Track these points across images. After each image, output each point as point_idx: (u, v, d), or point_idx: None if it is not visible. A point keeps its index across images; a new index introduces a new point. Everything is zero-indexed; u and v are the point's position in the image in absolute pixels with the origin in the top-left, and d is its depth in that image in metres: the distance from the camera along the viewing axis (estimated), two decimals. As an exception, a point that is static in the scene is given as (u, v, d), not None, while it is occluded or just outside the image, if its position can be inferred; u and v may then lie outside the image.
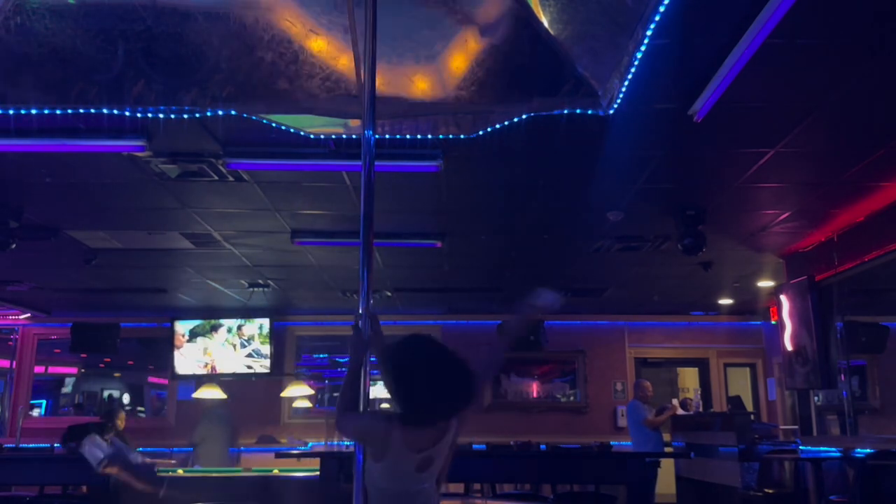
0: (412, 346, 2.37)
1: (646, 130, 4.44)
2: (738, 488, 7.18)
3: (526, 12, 2.27)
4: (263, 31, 2.33)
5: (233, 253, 7.33)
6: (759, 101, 4.11)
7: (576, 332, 11.05)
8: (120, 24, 2.24)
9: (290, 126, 2.81)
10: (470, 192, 5.70)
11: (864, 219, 6.08)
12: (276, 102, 2.56)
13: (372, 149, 2.15)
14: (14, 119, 4.06)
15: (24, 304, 10.04)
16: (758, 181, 5.30)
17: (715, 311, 10.71)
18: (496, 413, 10.81)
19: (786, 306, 7.22)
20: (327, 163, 4.95)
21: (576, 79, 2.39)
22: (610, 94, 2.40)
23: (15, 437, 9.60)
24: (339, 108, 2.63)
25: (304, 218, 6.29)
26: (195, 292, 9.31)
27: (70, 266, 7.67)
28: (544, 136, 4.41)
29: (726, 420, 7.81)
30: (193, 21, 2.26)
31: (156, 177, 5.23)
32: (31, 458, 7.27)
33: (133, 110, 2.41)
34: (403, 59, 2.35)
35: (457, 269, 8.09)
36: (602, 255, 7.31)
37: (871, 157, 4.87)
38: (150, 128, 4.45)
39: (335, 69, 2.45)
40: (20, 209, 5.90)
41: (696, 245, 5.95)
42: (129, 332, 10.56)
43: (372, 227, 2.18)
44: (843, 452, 6.34)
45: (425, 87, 2.43)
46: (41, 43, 2.20)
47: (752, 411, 10.38)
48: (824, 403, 7.21)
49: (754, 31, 3.32)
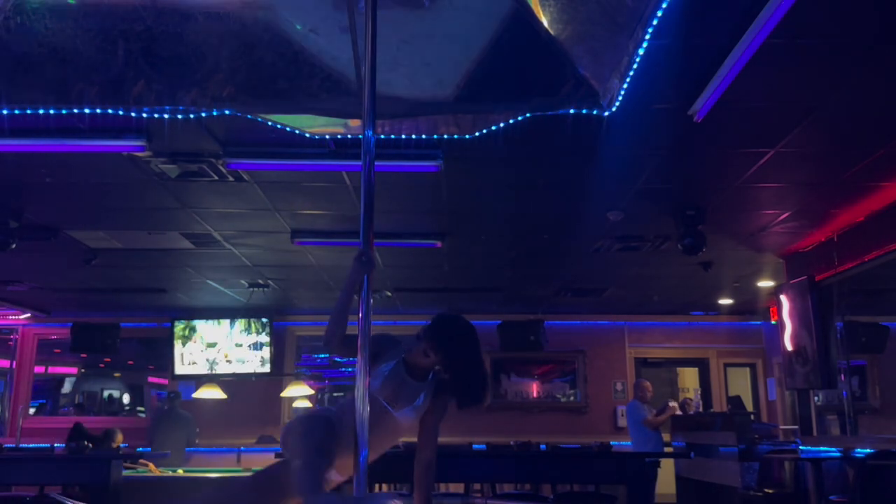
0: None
1: (646, 130, 4.44)
2: (738, 488, 7.17)
3: (526, 12, 2.27)
4: (263, 31, 2.33)
5: (233, 253, 7.33)
6: (759, 101, 4.11)
7: (576, 332, 11.05)
8: (120, 24, 2.24)
9: (290, 126, 2.81)
10: (470, 192, 5.70)
11: (864, 219, 6.08)
12: (276, 102, 2.56)
13: (372, 149, 2.15)
14: (14, 119, 4.07)
15: (24, 304, 10.04)
16: (758, 181, 5.30)
17: (715, 311, 10.71)
18: (496, 413, 10.80)
19: (786, 306, 7.22)
20: (327, 163, 4.95)
21: (576, 79, 2.39)
22: (610, 94, 2.39)
23: (15, 437, 9.60)
24: (339, 108, 2.64)
25: (304, 218, 6.29)
26: (195, 292, 9.31)
27: (70, 266, 7.67)
28: (544, 136, 4.41)
29: (726, 420, 7.81)
30: (193, 21, 2.26)
31: (156, 177, 5.23)
32: (31, 458, 7.26)
33: (133, 110, 2.41)
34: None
35: (457, 269, 8.09)
36: (602, 255, 7.31)
37: (871, 157, 4.87)
38: (150, 128, 4.45)
39: (335, 69, 2.45)
40: (20, 209, 5.90)
41: (696, 245, 5.95)
42: (129, 332, 10.56)
43: (372, 227, 2.18)
44: (843, 452, 6.34)
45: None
46: (41, 43, 2.20)
47: (752, 411, 10.38)
48: (824, 403, 7.21)
49: (754, 31, 3.32)
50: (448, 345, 2.68)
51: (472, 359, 2.72)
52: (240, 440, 10.09)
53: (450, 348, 2.68)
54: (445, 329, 2.73)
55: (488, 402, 10.67)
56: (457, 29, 2.39)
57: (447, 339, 2.69)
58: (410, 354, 2.72)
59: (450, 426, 2.89)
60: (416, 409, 2.72)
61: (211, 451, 10.03)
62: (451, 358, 2.69)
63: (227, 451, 9.94)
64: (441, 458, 2.87)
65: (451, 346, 2.69)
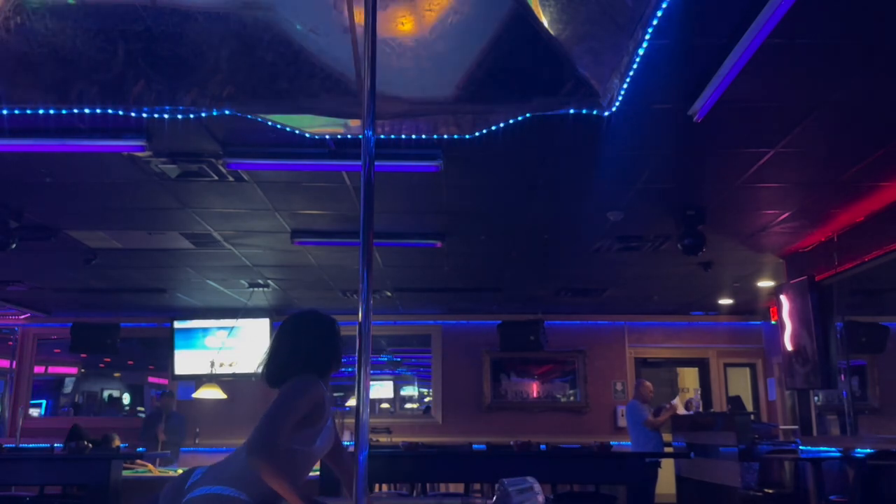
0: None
1: (646, 130, 4.44)
2: (738, 488, 7.18)
3: (526, 12, 2.27)
4: (263, 31, 2.33)
5: (233, 253, 7.33)
6: (759, 101, 4.12)
7: (576, 332, 11.05)
8: (120, 24, 2.24)
9: (290, 126, 2.80)
10: (470, 192, 5.70)
11: (864, 219, 6.08)
12: (276, 102, 2.56)
13: (372, 149, 2.15)
14: (14, 119, 4.08)
15: (24, 304, 10.04)
16: (758, 181, 5.30)
17: (715, 311, 10.72)
18: (496, 413, 10.82)
19: (786, 306, 7.22)
20: (327, 163, 4.95)
21: (576, 79, 2.39)
22: (610, 94, 2.39)
23: (15, 437, 9.61)
24: (339, 108, 2.63)
25: (304, 218, 6.29)
26: (195, 292, 9.31)
27: (70, 266, 7.67)
28: (544, 136, 4.42)
29: (726, 420, 7.82)
30: (193, 21, 2.26)
31: (156, 177, 5.23)
32: (31, 458, 7.27)
33: (133, 110, 2.41)
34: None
35: (457, 269, 8.09)
36: (602, 255, 7.31)
37: (871, 157, 4.87)
38: (150, 128, 4.45)
39: (335, 69, 2.45)
40: (20, 209, 5.90)
41: (696, 245, 5.95)
42: (129, 332, 10.56)
43: (372, 227, 2.18)
44: (843, 452, 6.35)
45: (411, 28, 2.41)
46: (41, 43, 2.20)
47: (752, 411, 10.38)
48: (824, 403, 7.22)
49: (754, 31, 3.32)
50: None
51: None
52: (240, 440, 9.98)
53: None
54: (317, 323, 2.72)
55: (488, 402, 10.70)
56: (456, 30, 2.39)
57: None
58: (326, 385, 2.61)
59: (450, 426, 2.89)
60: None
61: (211, 451, 10.03)
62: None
63: (227, 451, 9.90)
64: (441, 457, 2.87)
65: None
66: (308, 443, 2.48)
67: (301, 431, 2.45)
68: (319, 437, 2.51)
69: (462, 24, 2.39)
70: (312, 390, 2.47)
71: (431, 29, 2.38)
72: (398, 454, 6.60)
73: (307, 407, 2.44)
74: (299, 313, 2.74)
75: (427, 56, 2.44)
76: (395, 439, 9.71)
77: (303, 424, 2.44)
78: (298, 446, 2.46)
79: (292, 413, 2.39)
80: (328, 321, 2.70)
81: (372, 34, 2.11)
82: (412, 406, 12.19)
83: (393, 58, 2.40)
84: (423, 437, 9.74)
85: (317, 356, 2.60)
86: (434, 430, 10.54)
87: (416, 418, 11.34)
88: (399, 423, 10.69)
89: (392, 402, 12.19)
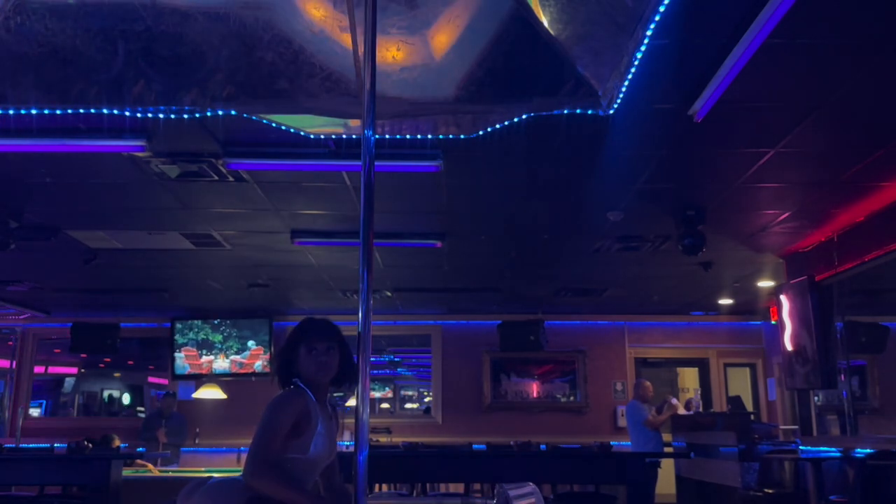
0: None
1: (646, 130, 4.44)
2: (738, 488, 7.18)
3: (526, 12, 2.27)
4: (263, 31, 2.33)
5: (233, 253, 7.33)
6: (759, 101, 4.12)
7: (576, 332, 11.05)
8: (120, 24, 2.24)
9: (290, 126, 2.81)
10: (470, 192, 5.70)
11: (864, 219, 6.08)
12: (276, 102, 2.56)
13: (372, 149, 2.15)
14: (14, 119, 4.08)
15: (24, 304, 10.04)
16: (758, 181, 5.30)
17: (715, 311, 10.72)
18: (496, 413, 10.82)
19: (786, 306, 7.22)
20: (327, 163, 4.96)
21: (576, 79, 2.39)
22: (610, 94, 2.39)
23: (15, 437, 9.61)
24: (339, 108, 2.63)
25: (304, 218, 6.29)
26: (195, 292, 9.31)
27: (70, 266, 7.67)
28: (544, 136, 4.42)
29: (726, 420, 7.81)
30: (193, 21, 2.26)
31: (156, 177, 5.23)
32: (31, 458, 7.26)
33: (133, 110, 2.41)
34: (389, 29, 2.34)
35: (457, 269, 8.09)
36: (602, 255, 7.31)
37: (871, 157, 4.87)
38: (150, 128, 4.45)
39: (335, 69, 2.45)
40: (20, 209, 5.90)
41: (696, 245, 5.95)
42: (129, 332, 10.57)
43: (372, 227, 2.18)
44: (843, 452, 6.34)
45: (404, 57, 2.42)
46: (41, 43, 2.20)
47: (752, 411, 10.38)
48: (824, 403, 7.21)
49: (754, 30, 3.32)
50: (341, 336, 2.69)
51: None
52: (240, 440, 10.08)
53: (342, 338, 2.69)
54: (329, 326, 2.71)
55: (488, 402, 10.70)
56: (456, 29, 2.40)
57: (336, 331, 2.70)
58: (319, 390, 2.61)
59: (450, 426, 2.89)
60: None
61: (211, 451, 10.05)
62: (344, 344, 2.67)
63: (227, 451, 9.95)
64: (441, 458, 2.87)
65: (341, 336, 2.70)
66: (303, 450, 2.53)
67: (294, 441, 2.51)
68: (312, 444, 2.54)
69: (462, 25, 2.39)
70: (294, 401, 2.53)
71: (431, 30, 2.38)
72: (398, 454, 6.60)
73: (291, 418, 2.49)
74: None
75: (427, 56, 2.44)
76: (394, 439, 9.72)
77: (293, 435, 2.50)
78: (295, 454, 2.52)
79: (277, 429, 2.46)
80: (295, 329, 2.72)
81: (372, 34, 2.11)
82: (412, 406, 12.20)
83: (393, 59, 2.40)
84: (423, 437, 9.75)
85: (290, 367, 2.64)
86: (434, 431, 10.54)
87: (415, 418, 11.34)
88: (399, 423, 10.70)
89: (392, 401, 12.20)
